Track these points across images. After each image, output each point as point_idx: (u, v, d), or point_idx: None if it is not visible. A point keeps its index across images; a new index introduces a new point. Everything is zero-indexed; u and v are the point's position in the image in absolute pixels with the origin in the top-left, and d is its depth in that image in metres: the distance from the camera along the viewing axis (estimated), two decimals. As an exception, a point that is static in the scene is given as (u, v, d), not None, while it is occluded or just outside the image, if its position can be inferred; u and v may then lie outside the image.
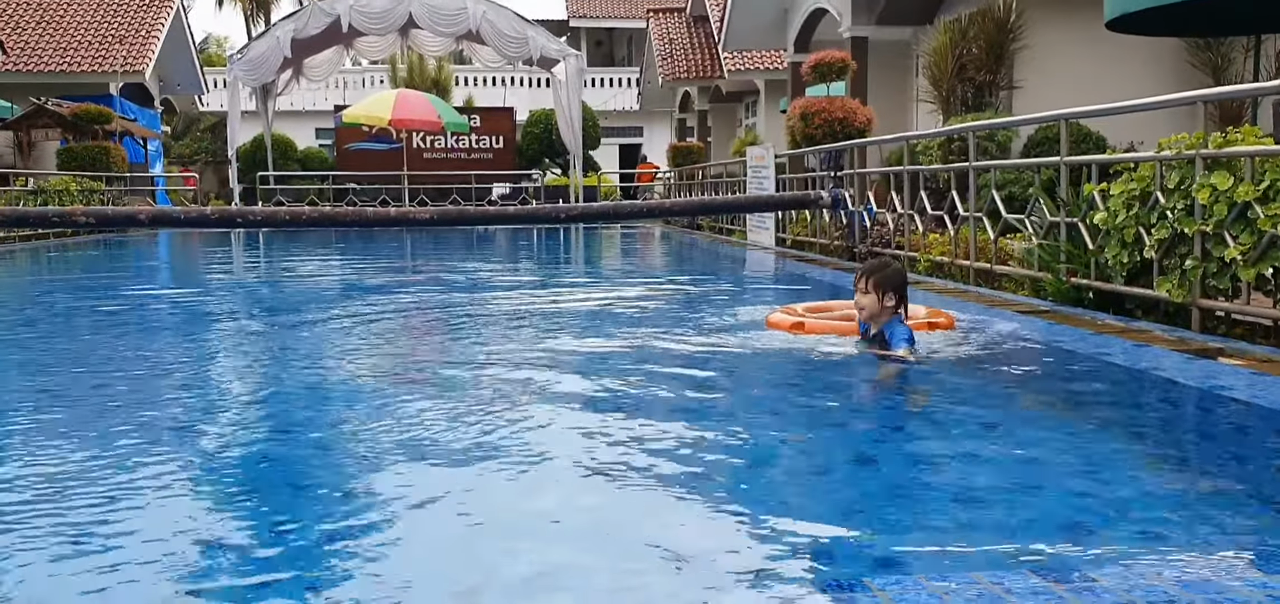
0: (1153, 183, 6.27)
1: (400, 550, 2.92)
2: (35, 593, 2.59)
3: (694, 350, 6.18)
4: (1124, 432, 4.39)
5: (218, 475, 3.73)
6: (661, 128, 39.16)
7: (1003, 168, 9.42)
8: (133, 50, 27.87)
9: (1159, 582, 2.47)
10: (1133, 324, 6.22)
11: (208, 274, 13.80)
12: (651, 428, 4.29)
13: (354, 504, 3.31)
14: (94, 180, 22.37)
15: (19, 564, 2.76)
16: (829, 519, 3.20)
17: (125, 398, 5.28)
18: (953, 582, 2.52)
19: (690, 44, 31.66)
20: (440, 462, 3.77)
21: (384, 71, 38.57)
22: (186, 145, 38.10)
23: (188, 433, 4.40)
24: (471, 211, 15.58)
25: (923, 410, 4.86)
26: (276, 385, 5.67)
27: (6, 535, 2.98)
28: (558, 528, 3.11)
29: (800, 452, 4.05)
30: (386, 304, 9.31)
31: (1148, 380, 5.14)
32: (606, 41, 50.69)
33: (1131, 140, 10.56)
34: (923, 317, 6.38)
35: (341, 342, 7.15)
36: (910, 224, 10.19)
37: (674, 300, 9.26)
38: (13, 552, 2.85)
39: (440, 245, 17.45)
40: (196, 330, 8.06)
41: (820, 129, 13.71)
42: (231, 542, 2.97)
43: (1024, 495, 3.40)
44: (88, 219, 7.82)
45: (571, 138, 25.92)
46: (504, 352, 6.35)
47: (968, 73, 13.56)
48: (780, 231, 14.55)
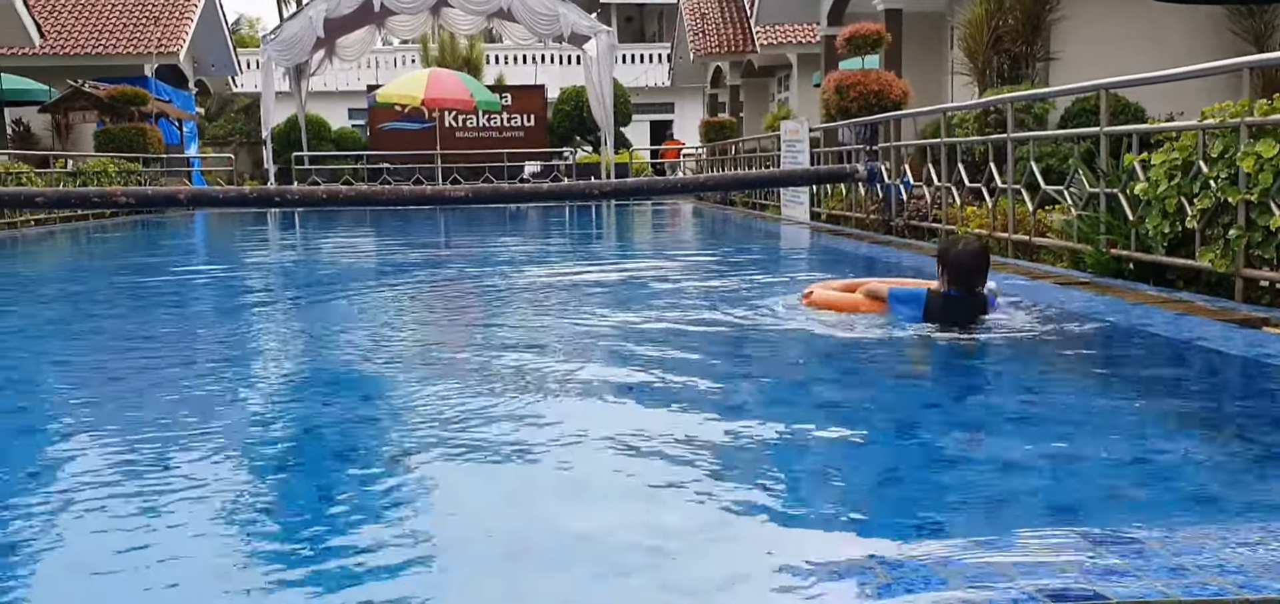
0: (1195, 152, 6.21)
1: (445, 514, 2.97)
2: (90, 558, 2.65)
3: (729, 325, 6.19)
4: (1168, 400, 4.37)
5: (264, 446, 3.79)
6: (693, 104, 39.04)
7: (1041, 139, 9.34)
8: (167, 32, 28.07)
9: (1207, 543, 2.47)
10: (1174, 295, 6.18)
11: (247, 253, 13.95)
12: (689, 403, 4.31)
13: (396, 475, 3.36)
14: (131, 161, 22.61)
15: (72, 534, 2.84)
16: (873, 486, 3.22)
17: (179, 374, 5.36)
18: (1000, 547, 2.53)
19: (722, 18, 31.51)
20: (481, 430, 3.82)
21: (415, 51, 38.65)
22: (221, 126, 38.39)
23: (235, 405, 4.47)
24: (507, 189, 15.63)
25: (967, 380, 4.86)
26: (320, 358, 5.73)
27: (67, 510, 3.05)
28: (599, 497, 3.15)
29: (841, 420, 4.06)
30: (425, 281, 9.38)
31: (1191, 350, 5.10)
32: (637, 17, 50.52)
33: (1171, 111, 10.45)
34: None
35: (384, 316, 7.21)
36: (947, 197, 10.14)
37: (711, 274, 9.27)
38: (71, 521, 2.92)
39: (474, 223, 17.53)
40: (239, 307, 8.15)
41: (855, 102, 13.64)
42: (278, 511, 3.03)
43: (1068, 463, 3.39)
44: (128, 199, 7.87)
45: (603, 115, 25.91)
46: (543, 325, 6.39)
47: (1004, 44, 13.43)
48: (815, 206, 14.51)
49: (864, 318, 5.90)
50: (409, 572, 2.51)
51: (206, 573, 2.55)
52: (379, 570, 2.50)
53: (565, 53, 37.66)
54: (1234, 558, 2.39)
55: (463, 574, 2.55)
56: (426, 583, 2.47)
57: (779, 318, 6.27)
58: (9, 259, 13.12)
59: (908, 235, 10.88)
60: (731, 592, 2.41)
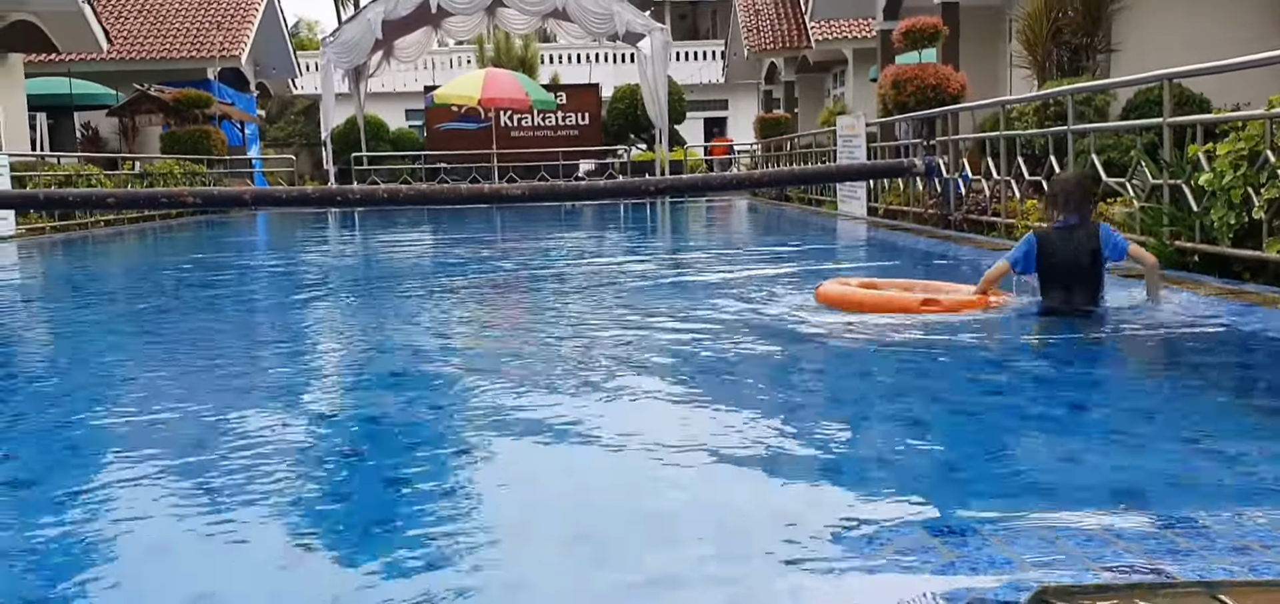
0: (1262, 141, 6.14)
1: (509, 497, 3.05)
2: (158, 538, 2.77)
3: (778, 323, 6.22)
4: (1234, 390, 4.35)
5: (332, 431, 3.91)
6: (747, 100, 38.95)
7: (1101, 131, 9.25)
8: (228, 36, 28.59)
9: (1273, 527, 2.48)
10: (1243, 286, 6.11)
11: (310, 251, 14.20)
12: (738, 399, 4.37)
13: (459, 465, 3.45)
14: (196, 163, 23.07)
15: (140, 514, 2.96)
16: (939, 467, 3.26)
17: (258, 364, 5.51)
18: (1061, 526, 2.57)
19: (776, 14, 31.41)
20: (543, 418, 3.90)
21: (471, 51, 38.97)
22: (281, 128, 38.97)
23: (304, 393, 4.60)
24: (562, 187, 15.73)
25: (1024, 369, 4.86)
26: (381, 350, 5.86)
27: (138, 487, 3.18)
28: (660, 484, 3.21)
29: (896, 413, 4.09)
30: (481, 276, 9.50)
31: (1260, 341, 5.06)
32: (691, 14, 50.49)
33: (1237, 101, 10.28)
34: (965, 294, 6.18)
35: (441, 309, 7.34)
36: (1007, 190, 10.07)
37: (765, 271, 9.30)
38: (142, 499, 3.04)
39: (530, 221, 17.68)
40: (307, 303, 8.33)
41: (913, 97, 13.56)
42: (348, 494, 3.14)
43: (1133, 449, 3.41)
44: (196, 200, 8.10)
45: (657, 112, 25.96)
46: (602, 320, 6.47)
47: (1063, 36, 13.29)
48: (872, 201, 14.46)
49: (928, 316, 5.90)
50: (476, 553, 2.60)
51: (268, 554, 2.66)
52: (444, 554, 2.59)
53: (619, 51, 37.75)
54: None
55: (529, 556, 2.63)
56: (494, 574, 2.55)
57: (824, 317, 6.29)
58: (83, 257, 13.47)
59: (966, 229, 10.82)
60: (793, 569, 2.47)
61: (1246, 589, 2.16)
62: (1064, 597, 2.17)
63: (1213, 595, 2.17)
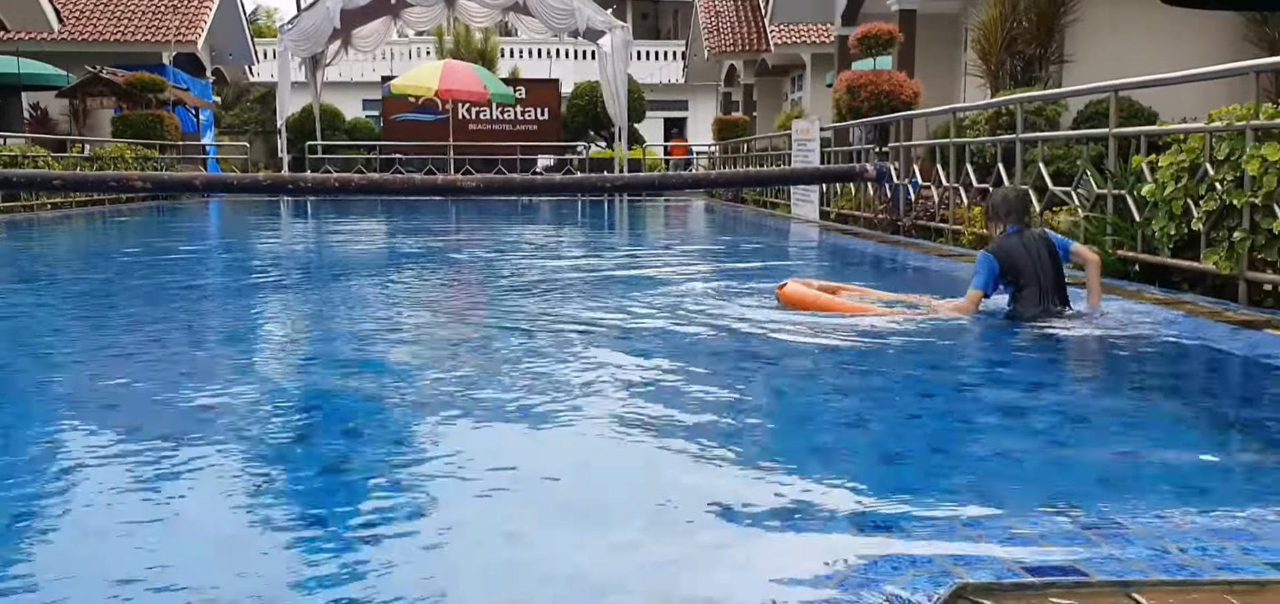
0: (1202, 155, 6.25)
1: (446, 491, 3.05)
2: (97, 524, 2.73)
3: (727, 320, 6.25)
4: (1166, 396, 4.42)
5: (269, 417, 3.87)
6: (706, 101, 39.04)
7: (1050, 140, 9.37)
8: (185, 21, 28.22)
9: (1190, 528, 2.52)
10: (1181, 296, 6.21)
11: (257, 239, 14.05)
12: (681, 392, 4.38)
13: (398, 453, 3.43)
14: (148, 147, 22.75)
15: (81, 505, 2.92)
16: (872, 464, 3.28)
17: (193, 350, 5.45)
18: (986, 522, 2.60)
19: (736, 17, 31.51)
20: (480, 413, 3.89)
21: (430, 42, 38.75)
22: (237, 115, 38.57)
23: (244, 388, 4.56)
24: (518, 180, 15.70)
25: (970, 372, 4.91)
26: (327, 340, 5.81)
27: (72, 472, 3.13)
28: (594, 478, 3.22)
29: (837, 412, 4.12)
30: (425, 268, 9.45)
31: (1193, 350, 5.15)
32: (652, 14, 50.51)
33: (1185, 115, 10.46)
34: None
35: (381, 301, 7.29)
36: (955, 197, 10.17)
37: (718, 271, 9.32)
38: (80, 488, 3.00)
39: (486, 214, 17.61)
40: (249, 291, 8.24)
41: (867, 102, 13.66)
42: (285, 485, 3.11)
43: (1063, 451, 3.46)
44: (145, 185, 7.97)
45: (616, 110, 25.95)
46: (549, 313, 6.46)
47: (1017, 46, 13.44)
48: (824, 205, 14.55)
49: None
50: (411, 538, 2.59)
51: (210, 545, 2.63)
52: (384, 554, 2.58)
53: (580, 48, 37.69)
54: (1215, 542, 2.45)
55: (465, 550, 2.63)
56: (435, 560, 2.55)
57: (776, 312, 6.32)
58: (27, 239, 13.24)
59: (914, 235, 10.92)
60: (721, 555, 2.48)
61: (1160, 588, 2.21)
62: (983, 594, 2.20)
63: (1127, 594, 2.22)
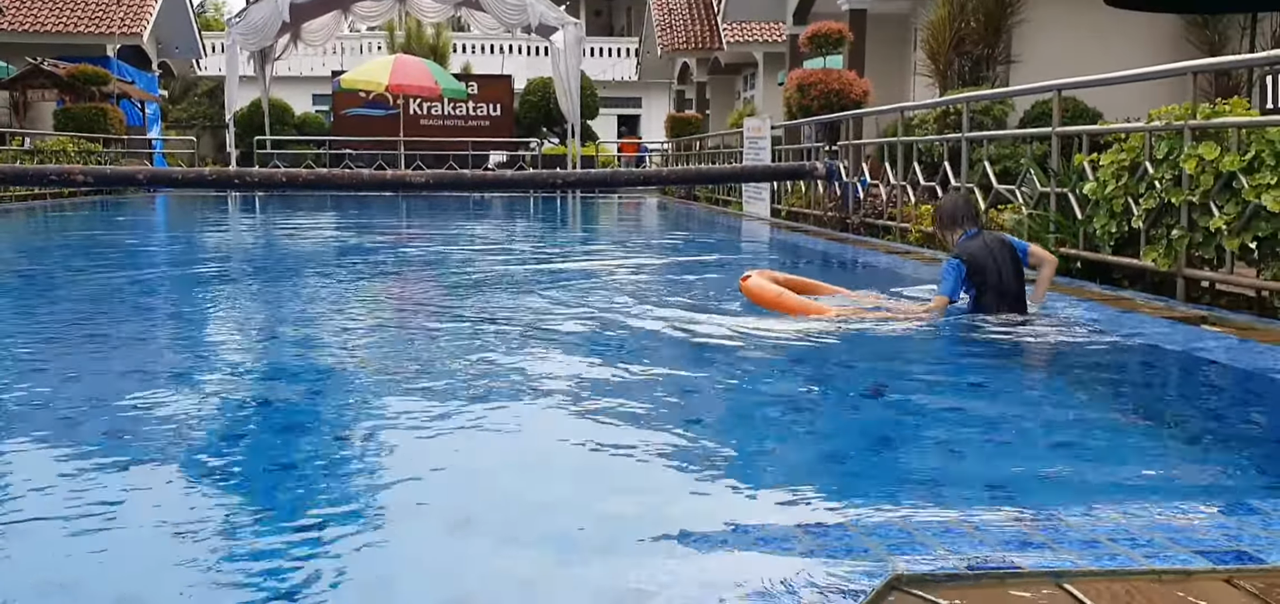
0: (1142, 153, 6.35)
1: (394, 487, 3.02)
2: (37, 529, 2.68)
3: (678, 318, 6.26)
4: (1102, 392, 4.48)
5: (216, 422, 3.82)
6: (660, 98, 39.09)
7: (996, 139, 9.48)
8: (130, 12, 27.76)
9: (1122, 520, 2.56)
10: (1120, 293, 6.31)
11: (204, 234, 13.86)
12: (630, 389, 4.38)
13: (342, 453, 3.41)
14: (91, 141, 22.36)
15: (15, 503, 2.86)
16: (814, 461, 3.30)
17: (128, 349, 5.36)
18: (924, 518, 2.62)
19: (690, 15, 31.57)
20: (422, 412, 3.87)
21: (382, 37, 38.45)
22: (184, 109, 38.00)
23: (185, 383, 4.49)
24: (468, 175, 15.62)
25: (911, 370, 4.95)
26: (271, 340, 5.75)
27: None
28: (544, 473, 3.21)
29: (785, 409, 4.15)
30: (375, 267, 9.38)
31: (1131, 346, 5.23)
32: (605, 11, 50.46)
33: (1129, 115, 10.63)
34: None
35: (332, 302, 7.22)
36: (903, 196, 10.26)
37: (667, 267, 9.34)
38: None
39: (437, 210, 17.50)
40: (189, 289, 8.13)
41: (817, 101, 13.75)
42: (230, 485, 3.07)
43: (1002, 447, 3.50)
44: (86, 178, 7.84)
45: (569, 107, 25.90)
46: (488, 311, 6.44)
47: (965, 46, 13.60)
48: (775, 202, 14.62)
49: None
50: (361, 545, 2.57)
51: (146, 545, 2.59)
52: (327, 549, 2.55)
53: (533, 44, 37.54)
54: (1145, 534, 2.49)
55: (412, 547, 2.61)
56: (378, 555, 2.53)
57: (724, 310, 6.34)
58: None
59: (863, 232, 11.01)
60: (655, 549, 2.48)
61: (1090, 579, 2.24)
62: (917, 585, 2.22)
63: (1059, 585, 2.25)
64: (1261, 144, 5.38)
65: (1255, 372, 4.44)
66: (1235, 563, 2.32)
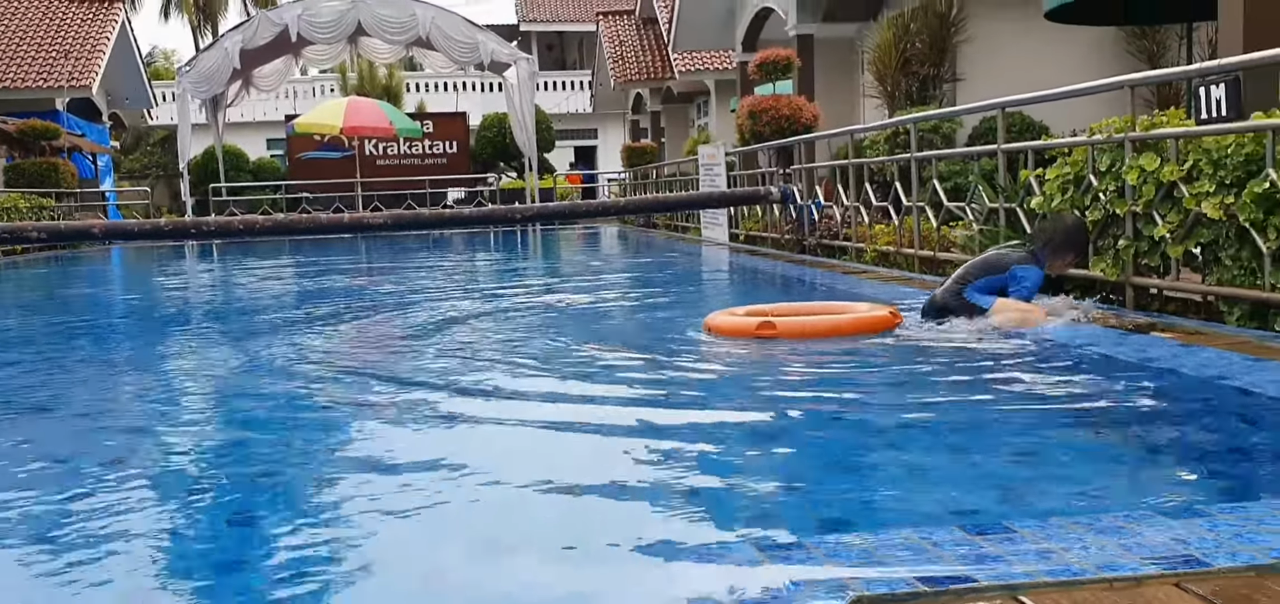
0: (1085, 166, 6.50)
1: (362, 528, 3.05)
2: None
3: (639, 346, 6.32)
4: (1056, 403, 4.58)
5: (178, 477, 3.82)
6: (615, 129, 39.28)
7: (945, 158, 9.65)
8: (78, 65, 27.56)
9: (1074, 530, 2.64)
10: (1073, 303, 6.43)
11: (162, 287, 13.76)
12: (596, 414, 4.43)
13: (309, 492, 3.42)
14: (43, 197, 22.14)
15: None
16: (777, 483, 3.36)
17: (94, 409, 5.33)
18: (883, 537, 2.69)
19: (640, 46, 31.82)
20: (390, 456, 3.89)
21: (334, 80, 38.43)
22: (137, 159, 37.68)
23: (145, 436, 4.49)
24: (426, 214, 15.62)
25: (866, 385, 5.04)
26: (234, 391, 5.74)
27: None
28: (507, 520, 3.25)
29: (744, 433, 4.21)
30: (335, 310, 9.37)
31: (1084, 356, 5.34)
32: (557, 45, 50.71)
33: (1075, 128, 10.84)
34: (863, 311, 6.35)
35: (291, 349, 7.21)
36: (857, 216, 10.40)
37: (630, 298, 9.39)
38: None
39: (395, 251, 17.47)
40: (152, 342, 8.08)
41: (768, 126, 13.92)
42: (190, 538, 3.08)
43: (958, 461, 3.58)
44: (40, 234, 7.80)
45: (525, 141, 25.99)
46: (455, 345, 6.46)
47: (912, 67, 13.82)
48: (733, 227, 14.74)
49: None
50: (325, 573, 2.59)
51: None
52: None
53: (487, 80, 37.69)
54: (1097, 542, 2.56)
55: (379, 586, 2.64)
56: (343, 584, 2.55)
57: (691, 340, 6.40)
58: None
59: (820, 254, 11.13)
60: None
61: (1043, 590, 2.31)
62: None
63: (1014, 597, 2.32)
64: (1198, 153, 5.54)
65: (1202, 377, 4.56)
66: (1184, 568, 2.41)
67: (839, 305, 6.73)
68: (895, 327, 6.12)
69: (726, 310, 6.65)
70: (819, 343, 5.86)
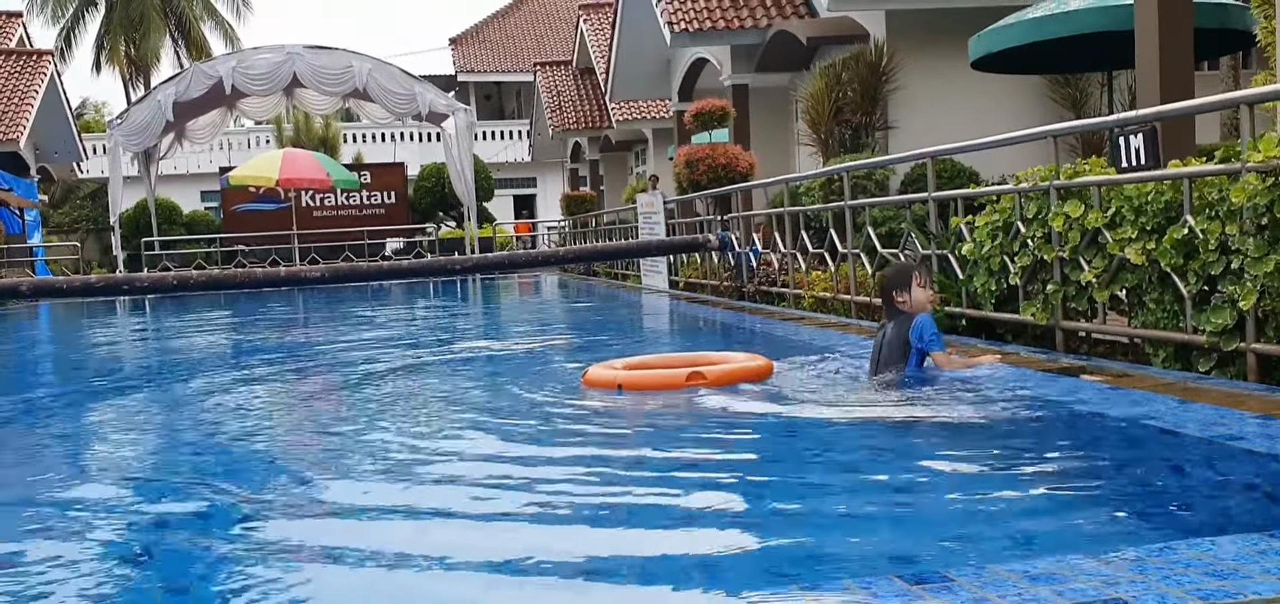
0: (1014, 213, 6.65)
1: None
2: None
3: (574, 397, 6.33)
4: (987, 448, 4.66)
5: (106, 550, 3.76)
6: (554, 177, 39.42)
7: (878, 205, 9.82)
8: (5, 118, 27.06)
9: (1010, 578, 2.70)
10: (1004, 348, 6.57)
11: (93, 345, 13.50)
12: (510, 480, 4.43)
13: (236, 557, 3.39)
14: (-32, 254, 21.68)
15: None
16: (716, 546, 3.39)
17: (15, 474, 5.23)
18: (823, 589, 2.72)
19: (578, 95, 32.01)
20: (324, 502, 3.87)
21: (270, 131, 38.15)
22: (66, 213, 37.03)
23: (77, 507, 4.41)
24: (363, 267, 15.51)
25: (803, 434, 5.09)
26: (167, 453, 5.66)
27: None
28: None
29: (684, 487, 4.23)
30: (271, 365, 9.27)
31: (1014, 400, 5.44)
32: (495, 94, 50.82)
33: (1004, 174, 11.09)
34: (739, 363, 6.40)
35: (210, 410, 7.13)
36: (794, 263, 10.53)
37: (573, 344, 9.40)
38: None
39: (333, 303, 17.31)
40: (82, 403, 7.93)
41: (705, 175, 14.07)
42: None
43: (896, 512, 3.63)
44: (-35, 293, 7.64)
45: (464, 190, 25.96)
46: (391, 399, 6.42)
47: (844, 115, 14.06)
48: (673, 274, 14.83)
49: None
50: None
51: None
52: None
53: (424, 130, 37.64)
54: (1031, 589, 2.62)
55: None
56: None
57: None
58: None
59: (759, 300, 11.24)
60: None
61: (978, 637, 2.36)
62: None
63: (949, 644, 2.36)
64: (1120, 200, 5.70)
65: (1128, 418, 4.67)
66: (1113, 609, 2.47)
67: (713, 356, 6.77)
68: (767, 377, 6.21)
69: (605, 364, 6.68)
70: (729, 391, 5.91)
